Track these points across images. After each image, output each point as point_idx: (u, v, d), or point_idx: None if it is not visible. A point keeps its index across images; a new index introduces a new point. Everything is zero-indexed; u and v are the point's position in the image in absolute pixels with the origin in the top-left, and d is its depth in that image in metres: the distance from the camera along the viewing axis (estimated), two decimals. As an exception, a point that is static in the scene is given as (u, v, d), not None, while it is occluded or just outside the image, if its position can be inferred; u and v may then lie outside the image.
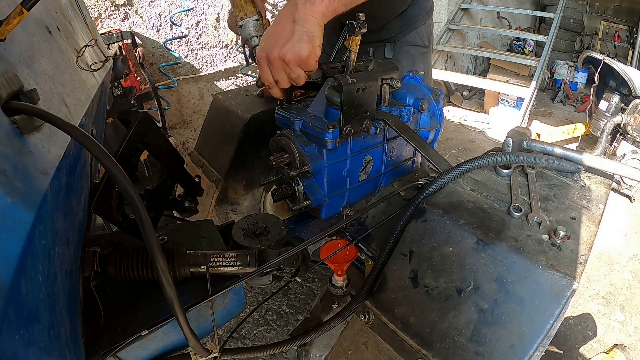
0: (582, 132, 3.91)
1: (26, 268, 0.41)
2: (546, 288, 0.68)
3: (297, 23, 0.91)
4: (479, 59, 6.02)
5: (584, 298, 2.22)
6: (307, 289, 2.19)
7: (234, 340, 1.87)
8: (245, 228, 0.99)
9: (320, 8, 0.90)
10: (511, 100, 4.65)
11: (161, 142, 0.95)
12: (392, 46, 1.53)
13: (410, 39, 1.53)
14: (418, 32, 1.54)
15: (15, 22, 0.51)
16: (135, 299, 0.79)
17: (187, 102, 2.86)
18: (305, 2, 0.91)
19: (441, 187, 0.90)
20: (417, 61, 1.55)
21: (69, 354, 0.55)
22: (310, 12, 0.90)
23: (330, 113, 1.03)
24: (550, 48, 4.33)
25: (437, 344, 0.75)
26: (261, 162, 1.46)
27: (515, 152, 0.95)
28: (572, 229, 0.77)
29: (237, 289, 0.88)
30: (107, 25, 2.29)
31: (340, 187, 1.10)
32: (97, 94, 0.91)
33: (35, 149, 0.49)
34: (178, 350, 0.82)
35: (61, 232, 0.55)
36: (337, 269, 1.03)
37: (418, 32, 1.54)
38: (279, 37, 0.93)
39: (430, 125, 1.21)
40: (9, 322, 0.37)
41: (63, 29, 0.84)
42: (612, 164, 0.93)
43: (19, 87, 0.49)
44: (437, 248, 0.80)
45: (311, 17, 0.91)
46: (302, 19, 0.90)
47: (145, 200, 0.93)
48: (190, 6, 2.57)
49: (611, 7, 5.80)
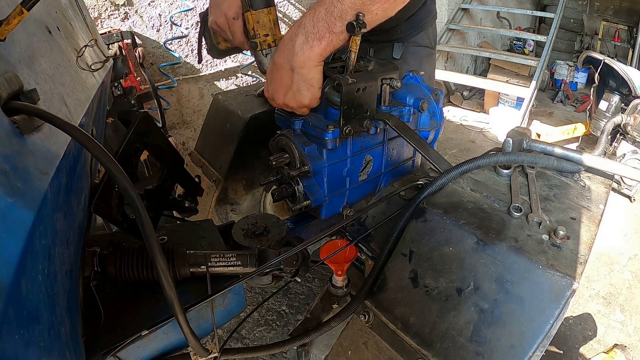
0: (582, 132, 3.91)
1: (26, 268, 0.41)
2: (546, 288, 0.68)
3: (295, 72, 0.90)
4: (479, 59, 6.02)
5: (584, 298, 2.22)
6: (307, 289, 2.19)
7: (234, 340, 1.87)
8: (245, 228, 0.99)
9: (318, 51, 0.87)
10: (511, 100, 4.65)
11: (161, 142, 0.95)
12: (400, 46, 1.55)
13: (418, 40, 1.56)
14: (426, 33, 1.57)
15: (15, 22, 0.51)
16: (135, 299, 0.79)
17: (187, 102, 2.86)
18: (302, 46, 0.87)
19: (441, 187, 0.90)
20: (423, 62, 1.58)
21: (69, 354, 0.55)
22: (308, 58, 0.88)
23: (330, 113, 1.03)
24: (550, 48, 4.33)
25: (437, 344, 0.75)
26: (261, 162, 1.46)
27: (515, 152, 0.95)
28: (572, 229, 0.77)
29: (237, 289, 0.88)
30: (107, 25, 2.29)
31: (340, 187, 1.10)
32: (97, 94, 0.91)
33: (35, 149, 0.49)
34: (178, 350, 0.82)
35: (61, 232, 0.55)
36: (337, 269, 1.03)
37: (426, 34, 1.57)
38: (280, 86, 0.95)
39: (430, 125, 1.21)
40: (9, 322, 0.37)
41: (63, 29, 0.84)
42: (612, 164, 0.93)
43: (19, 87, 0.49)
44: (437, 248, 0.80)
45: (309, 63, 0.89)
46: (300, 66, 0.89)
47: (145, 200, 0.92)
48: (190, 6, 2.58)
49: (611, 7, 5.80)
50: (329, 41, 0.87)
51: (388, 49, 1.56)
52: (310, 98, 0.94)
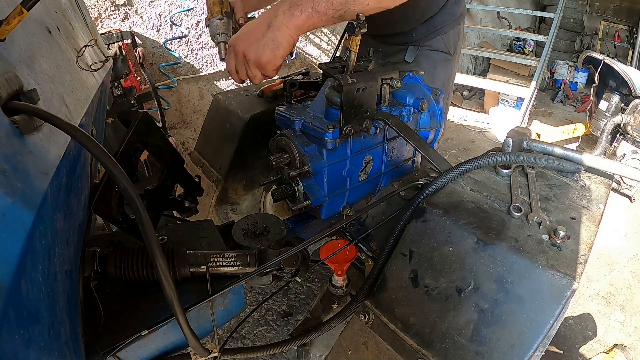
0: (582, 132, 3.91)
1: (26, 268, 0.41)
2: (546, 288, 0.68)
3: (270, 29, 0.96)
4: (479, 59, 6.02)
5: (584, 298, 2.22)
6: (307, 289, 2.19)
7: (234, 340, 1.87)
8: (245, 228, 0.99)
9: (297, 22, 0.94)
10: (511, 100, 4.65)
11: (161, 142, 0.95)
12: (414, 49, 1.48)
13: (434, 44, 1.47)
14: (443, 37, 1.48)
15: (15, 22, 0.51)
16: (135, 299, 0.79)
17: (187, 102, 2.86)
18: (285, 12, 0.95)
19: (441, 187, 0.90)
20: (438, 66, 1.49)
21: (69, 354, 0.55)
22: (287, 23, 0.94)
23: (330, 113, 1.03)
24: (550, 48, 4.32)
25: (437, 344, 0.75)
26: (261, 162, 1.46)
27: (515, 152, 0.95)
28: (572, 229, 0.77)
29: (237, 289, 0.88)
30: (107, 25, 2.29)
31: (340, 187, 1.10)
32: (97, 94, 0.91)
33: (35, 149, 0.49)
34: (178, 350, 0.82)
35: (61, 232, 0.55)
36: (337, 269, 1.03)
37: (443, 38, 1.48)
38: (250, 35, 1.00)
39: (430, 125, 1.21)
40: (9, 322, 0.37)
41: (63, 29, 0.84)
42: (612, 164, 0.93)
43: (19, 87, 0.49)
44: (437, 248, 0.80)
45: (285, 28, 0.95)
46: (276, 26, 0.95)
47: (145, 200, 0.93)
48: (190, 6, 2.57)
49: (611, 7, 5.79)
50: (309, 16, 0.94)
51: (402, 52, 1.50)
52: (269, 59, 0.97)
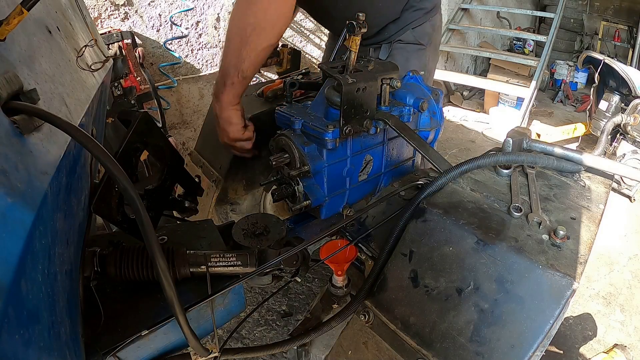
0: (582, 132, 3.90)
1: (26, 268, 0.41)
2: (546, 288, 0.68)
3: (218, 117, 1.24)
4: (479, 59, 6.01)
5: (584, 298, 2.22)
6: (307, 289, 2.19)
7: (234, 340, 1.87)
8: (245, 228, 0.99)
9: (225, 98, 1.19)
10: (511, 100, 4.64)
11: (161, 142, 0.95)
12: (387, 47, 1.56)
13: (404, 38, 1.55)
14: (413, 31, 1.55)
15: (15, 22, 0.51)
16: (135, 299, 0.79)
17: (187, 102, 2.86)
18: (215, 100, 1.22)
19: (441, 187, 0.90)
20: (411, 57, 1.55)
21: (69, 354, 0.55)
22: (220, 105, 1.21)
23: (330, 113, 1.03)
24: (550, 48, 4.32)
25: (437, 344, 0.75)
26: (261, 162, 1.46)
27: (515, 152, 0.95)
28: (572, 229, 0.77)
29: (237, 289, 0.88)
30: (107, 25, 2.29)
31: (340, 187, 1.10)
32: (97, 94, 0.91)
33: (35, 149, 0.48)
34: (178, 350, 0.82)
35: (61, 232, 0.55)
36: (337, 269, 1.03)
37: (413, 32, 1.55)
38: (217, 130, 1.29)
39: (430, 125, 1.21)
40: (9, 322, 0.37)
41: (63, 29, 0.84)
42: (612, 164, 0.93)
43: (19, 87, 0.49)
44: (437, 248, 0.80)
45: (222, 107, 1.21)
46: (218, 112, 1.23)
47: (145, 200, 0.93)
48: (190, 6, 2.57)
49: (611, 7, 5.79)
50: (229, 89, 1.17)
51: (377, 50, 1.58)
52: (232, 132, 1.25)
